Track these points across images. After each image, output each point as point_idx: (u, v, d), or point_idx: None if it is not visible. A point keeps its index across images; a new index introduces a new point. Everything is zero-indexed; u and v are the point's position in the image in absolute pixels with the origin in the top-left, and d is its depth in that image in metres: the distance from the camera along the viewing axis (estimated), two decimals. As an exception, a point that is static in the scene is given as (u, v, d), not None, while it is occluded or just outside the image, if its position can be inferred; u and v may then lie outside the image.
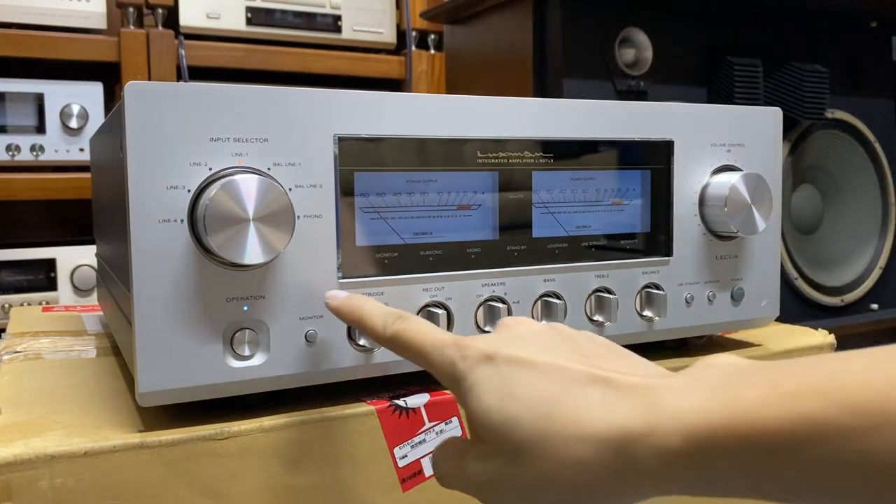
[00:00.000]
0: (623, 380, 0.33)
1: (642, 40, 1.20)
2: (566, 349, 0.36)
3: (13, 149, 1.30)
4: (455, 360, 0.37)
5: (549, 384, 0.34)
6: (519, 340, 0.37)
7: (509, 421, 0.34)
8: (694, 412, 0.30)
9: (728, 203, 0.57)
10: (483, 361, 0.36)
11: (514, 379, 0.35)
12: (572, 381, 0.34)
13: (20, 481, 0.40)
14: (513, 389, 0.35)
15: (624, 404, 0.32)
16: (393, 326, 0.41)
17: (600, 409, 0.32)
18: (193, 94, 0.43)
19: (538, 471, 0.33)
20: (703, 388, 0.31)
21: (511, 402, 0.34)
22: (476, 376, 0.36)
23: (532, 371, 0.35)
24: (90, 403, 0.49)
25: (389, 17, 1.60)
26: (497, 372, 0.36)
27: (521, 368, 0.35)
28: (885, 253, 1.40)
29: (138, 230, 0.42)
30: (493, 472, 0.35)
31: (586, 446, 0.32)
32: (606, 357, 0.36)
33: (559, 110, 0.54)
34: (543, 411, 0.33)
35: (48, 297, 1.34)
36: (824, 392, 0.28)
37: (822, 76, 1.27)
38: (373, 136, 0.48)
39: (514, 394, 0.34)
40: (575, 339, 0.38)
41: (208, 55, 1.41)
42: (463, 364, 0.37)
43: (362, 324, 0.44)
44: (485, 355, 0.36)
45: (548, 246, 0.55)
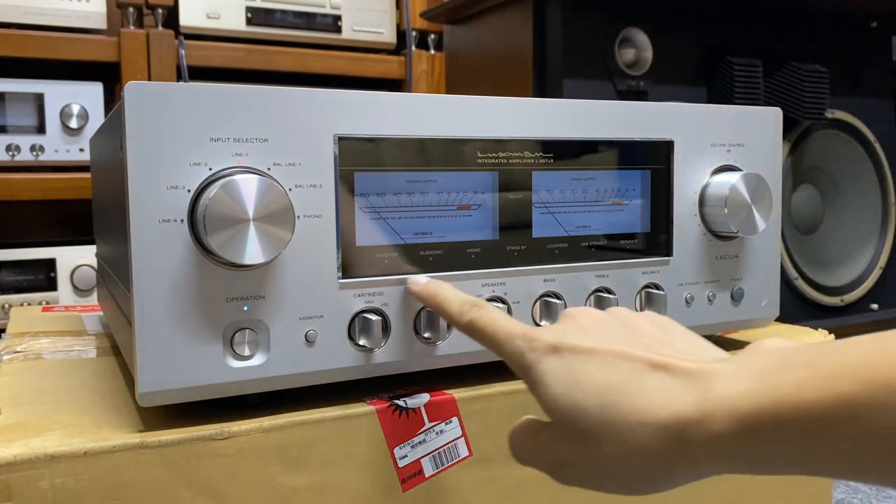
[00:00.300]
0: (680, 365, 0.35)
1: (642, 40, 1.20)
2: (627, 336, 0.39)
3: (13, 149, 1.30)
4: (524, 351, 0.40)
5: (612, 373, 0.37)
6: (582, 331, 0.40)
7: (576, 408, 0.37)
8: (742, 398, 0.32)
9: (728, 203, 0.57)
10: (549, 352, 0.39)
11: (579, 368, 0.37)
12: (633, 369, 0.36)
13: (20, 481, 0.40)
14: (578, 378, 0.37)
15: (681, 391, 0.34)
16: (469, 314, 0.44)
17: (660, 397, 0.35)
18: (193, 94, 0.43)
19: (604, 454, 0.36)
20: (749, 375, 0.33)
21: (576, 390, 0.37)
22: (543, 367, 0.39)
23: (595, 360, 0.37)
24: (90, 403, 0.49)
25: (389, 17, 1.60)
26: (562, 362, 0.38)
27: (585, 358, 0.38)
28: (885, 253, 1.40)
29: (138, 230, 0.42)
30: (564, 455, 0.38)
31: (648, 432, 0.34)
32: (664, 341, 0.38)
33: (559, 110, 0.54)
34: (608, 399, 0.36)
35: (48, 297, 1.34)
36: (858, 373, 0.29)
37: (822, 76, 1.27)
38: (373, 136, 0.48)
39: (579, 382, 0.37)
40: (636, 324, 0.40)
41: (208, 55, 1.41)
42: (531, 355, 0.39)
43: (440, 309, 0.47)
44: (551, 346, 0.39)
45: (548, 246, 0.55)
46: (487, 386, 0.52)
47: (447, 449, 0.50)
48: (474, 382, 0.52)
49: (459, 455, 0.50)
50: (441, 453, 0.50)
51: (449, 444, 0.50)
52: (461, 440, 0.50)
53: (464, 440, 0.50)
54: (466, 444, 0.51)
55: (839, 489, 1.05)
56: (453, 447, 0.50)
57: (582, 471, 0.37)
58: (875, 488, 1.06)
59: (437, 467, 0.50)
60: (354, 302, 0.48)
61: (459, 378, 0.53)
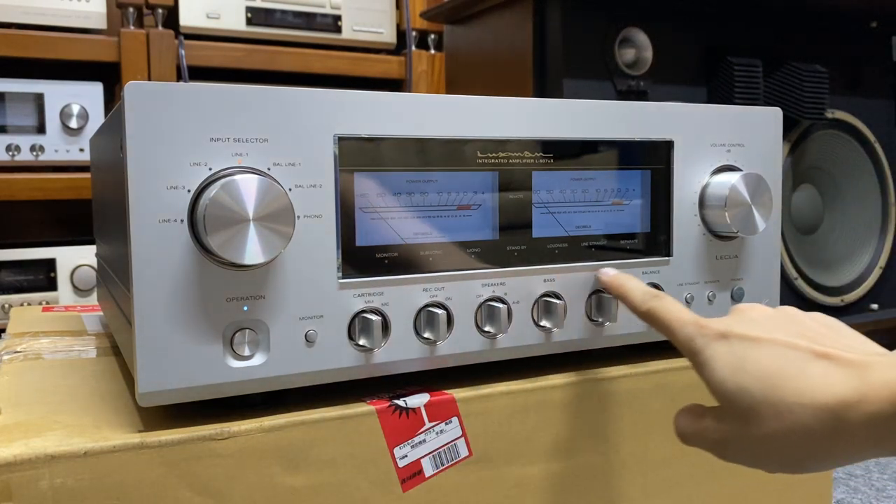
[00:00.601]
0: (842, 355, 0.38)
1: (642, 40, 1.20)
2: (793, 329, 0.42)
3: (13, 149, 1.30)
4: (694, 336, 0.44)
5: (776, 359, 0.40)
6: (751, 322, 0.43)
7: (740, 389, 0.40)
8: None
9: (728, 203, 0.57)
10: (718, 338, 0.43)
11: (745, 354, 0.41)
12: (797, 357, 0.39)
13: (20, 481, 0.40)
14: (744, 363, 0.40)
15: (841, 376, 0.37)
16: (648, 303, 0.49)
17: (820, 381, 0.37)
18: (193, 94, 0.43)
19: (765, 431, 0.39)
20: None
21: (742, 373, 0.40)
22: (711, 351, 0.42)
23: (761, 348, 0.40)
24: (90, 403, 0.49)
25: (389, 17, 1.60)
26: (730, 348, 0.42)
27: (752, 345, 0.41)
28: (885, 253, 1.40)
29: (138, 230, 0.42)
30: (726, 432, 0.41)
31: (808, 412, 0.37)
32: (829, 336, 0.41)
33: (559, 110, 0.54)
34: (771, 382, 0.39)
35: (48, 297, 1.34)
36: None
37: (822, 76, 1.27)
38: (373, 136, 0.48)
39: (744, 367, 0.40)
40: (803, 321, 0.43)
41: (208, 55, 1.41)
42: (700, 340, 0.43)
43: (624, 297, 0.52)
44: (720, 333, 0.43)
45: (548, 246, 0.55)
46: (487, 386, 0.52)
47: (447, 449, 0.50)
48: (474, 382, 0.52)
49: (459, 455, 0.50)
50: (441, 453, 0.50)
51: (449, 444, 0.50)
52: (461, 440, 0.50)
53: (464, 440, 0.50)
54: (466, 444, 0.51)
55: (839, 489, 1.05)
56: (453, 447, 0.50)
57: (743, 448, 0.41)
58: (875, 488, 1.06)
59: (437, 467, 0.50)
60: (354, 302, 0.48)
61: (459, 378, 0.53)
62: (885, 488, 1.05)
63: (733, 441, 0.41)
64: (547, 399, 0.53)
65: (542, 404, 0.53)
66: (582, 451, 0.54)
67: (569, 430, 0.54)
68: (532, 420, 0.53)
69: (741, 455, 0.41)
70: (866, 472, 1.10)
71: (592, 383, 0.55)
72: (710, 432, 0.43)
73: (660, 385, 0.57)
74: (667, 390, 0.57)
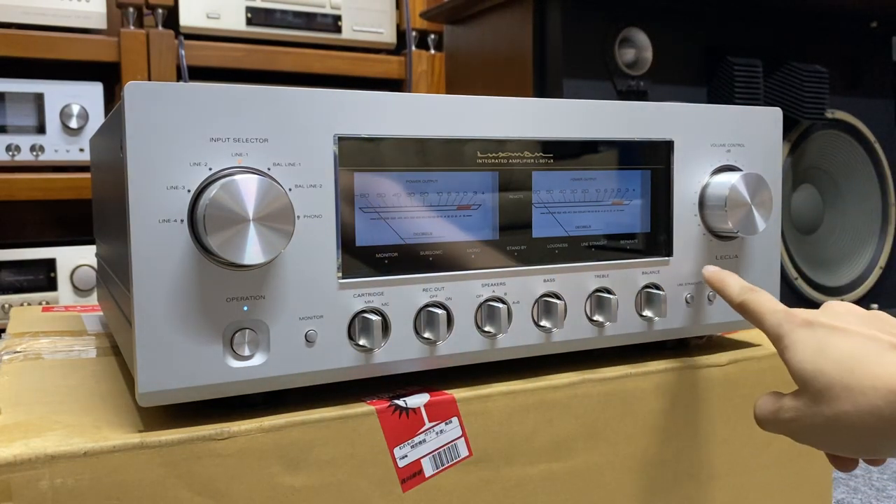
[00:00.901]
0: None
1: (642, 40, 1.20)
2: (877, 325, 0.44)
3: (13, 149, 1.30)
4: (781, 322, 0.47)
5: (856, 347, 0.42)
6: (837, 315, 0.46)
7: (817, 370, 0.43)
8: None
9: (728, 203, 0.57)
10: (803, 325, 0.46)
11: (827, 340, 0.44)
12: (876, 347, 0.42)
13: (20, 481, 0.40)
14: (824, 348, 0.43)
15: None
16: (744, 295, 0.52)
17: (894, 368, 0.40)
18: (193, 94, 0.43)
19: (837, 411, 0.41)
20: None
21: (821, 357, 0.43)
22: (795, 336, 0.45)
23: (843, 336, 0.43)
24: (90, 403, 0.49)
25: (389, 17, 1.60)
26: (813, 334, 0.45)
27: (835, 333, 0.44)
28: (885, 253, 1.40)
29: (138, 230, 0.42)
30: (800, 410, 0.44)
31: (880, 395, 0.39)
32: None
33: (559, 110, 0.54)
34: (848, 366, 0.42)
35: (48, 297, 1.34)
36: None
37: (822, 76, 1.27)
38: (373, 136, 0.48)
39: (824, 351, 0.43)
40: (887, 320, 0.45)
41: (208, 55, 1.41)
42: (787, 325, 0.47)
43: (723, 291, 0.55)
44: (805, 320, 0.46)
45: (548, 246, 0.55)
46: (487, 386, 0.52)
47: (447, 449, 0.50)
48: (474, 382, 0.52)
49: (459, 455, 0.50)
50: (441, 453, 0.50)
51: (449, 444, 0.50)
52: (461, 440, 0.50)
53: (464, 440, 0.50)
54: (466, 444, 0.51)
55: (839, 489, 1.05)
56: (453, 447, 0.50)
57: (815, 428, 0.43)
58: (875, 488, 1.06)
59: (437, 467, 0.50)
60: (354, 302, 0.48)
61: (459, 378, 0.53)
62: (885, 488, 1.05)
63: (807, 420, 0.43)
64: (547, 399, 0.53)
65: (542, 404, 0.53)
66: (582, 451, 0.54)
67: (569, 430, 0.54)
68: (532, 420, 0.53)
69: (814, 435, 0.43)
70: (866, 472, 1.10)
71: (592, 383, 0.55)
72: (785, 411, 0.45)
73: (660, 385, 0.57)
74: (667, 390, 0.57)
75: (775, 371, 0.62)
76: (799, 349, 0.45)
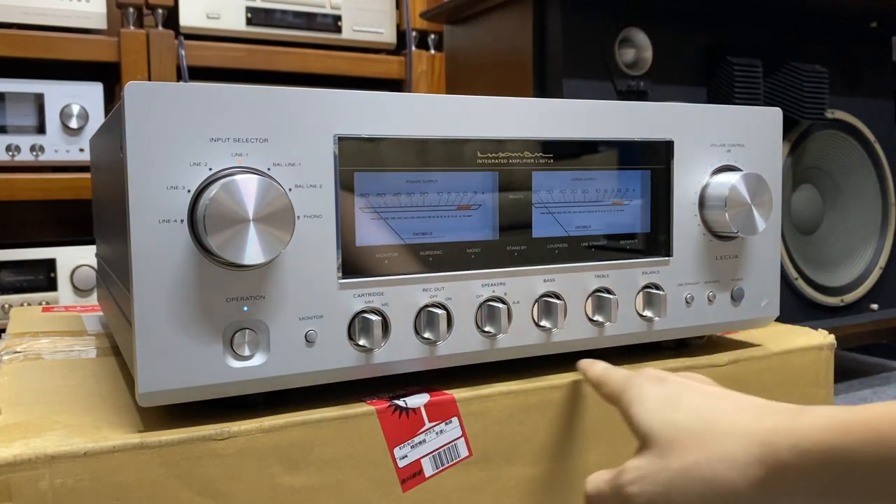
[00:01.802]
0: (779, 404, 0.38)
1: (642, 40, 1.20)
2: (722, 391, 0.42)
3: (13, 149, 1.30)
4: (630, 376, 0.45)
5: (711, 401, 0.40)
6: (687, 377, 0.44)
7: (665, 422, 0.39)
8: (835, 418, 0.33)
9: (728, 203, 0.57)
10: (654, 381, 0.43)
11: (680, 394, 0.41)
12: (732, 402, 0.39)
13: (20, 481, 0.40)
14: (675, 402, 0.40)
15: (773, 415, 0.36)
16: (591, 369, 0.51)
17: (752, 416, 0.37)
18: (193, 94, 0.43)
19: (688, 462, 0.37)
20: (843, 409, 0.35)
21: (673, 409, 0.40)
22: (644, 390, 0.42)
23: (698, 393, 0.41)
24: (90, 403, 0.49)
25: (389, 17, 1.60)
26: (664, 389, 0.42)
27: (690, 390, 0.41)
28: (885, 253, 1.40)
29: (138, 230, 0.42)
30: (643, 469, 0.39)
31: (735, 441, 0.36)
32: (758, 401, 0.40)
33: (559, 110, 0.54)
34: (702, 415, 0.38)
35: (48, 297, 1.34)
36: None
37: (822, 76, 1.27)
38: (373, 136, 0.48)
39: (674, 405, 0.40)
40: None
41: (208, 55, 1.41)
42: (635, 379, 0.44)
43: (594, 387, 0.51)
44: (657, 377, 0.43)
45: (548, 246, 0.55)
46: (487, 386, 0.52)
47: (447, 449, 0.50)
48: (474, 382, 0.52)
49: (459, 455, 0.50)
50: (441, 453, 0.50)
51: (449, 444, 0.50)
52: (461, 440, 0.50)
53: (464, 440, 0.50)
54: (466, 444, 0.51)
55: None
56: (453, 447, 0.50)
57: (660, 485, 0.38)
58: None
59: (437, 467, 0.50)
60: (354, 302, 0.48)
61: (459, 378, 0.53)
62: None
63: (652, 478, 0.38)
64: (547, 399, 0.53)
65: (542, 404, 0.53)
66: (582, 451, 0.54)
67: (569, 430, 0.54)
68: (532, 420, 0.53)
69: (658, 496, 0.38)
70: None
71: (592, 383, 0.55)
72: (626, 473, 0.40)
73: (660, 385, 0.57)
74: (667, 390, 0.57)
75: (775, 371, 0.62)
76: (647, 402, 0.41)
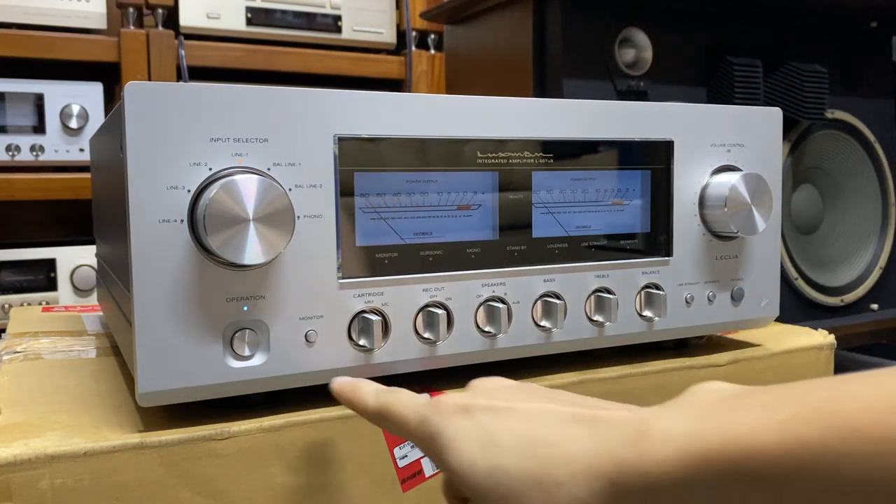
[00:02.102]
0: (611, 414, 0.32)
1: (642, 40, 1.19)
2: (543, 396, 0.35)
3: (13, 149, 1.30)
4: (429, 416, 0.36)
5: (534, 427, 0.33)
6: (492, 392, 0.36)
7: (494, 470, 0.32)
8: (687, 437, 0.28)
9: (728, 203, 0.57)
10: (458, 412, 0.35)
11: (494, 427, 0.33)
12: (557, 421, 0.32)
13: (20, 481, 0.40)
14: (494, 438, 0.33)
15: (614, 434, 0.31)
16: (381, 398, 0.40)
17: (590, 443, 0.31)
18: (193, 94, 0.43)
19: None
20: (694, 414, 0.29)
21: (494, 450, 0.33)
22: (452, 430, 0.34)
23: (512, 417, 0.34)
24: (90, 403, 0.49)
25: (389, 18, 1.60)
26: (475, 423, 0.34)
27: (500, 415, 0.34)
28: (885, 253, 1.40)
29: (138, 230, 0.42)
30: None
31: (579, 482, 0.30)
32: (587, 401, 0.35)
33: (559, 110, 0.54)
34: (530, 454, 0.32)
35: (48, 297, 1.34)
36: (821, 417, 0.26)
37: (822, 76, 1.27)
38: (373, 136, 0.48)
39: (495, 441, 0.33)
40: (550, 391, 0.37)
41: (208, 55, 1.41)
42: (437, 418, 0.35)
43: (353, 403, 0.42)
44: (460, 406, 0.35)
45: (548, 246, 0.55)
46: (487, 386, 0.52)
47: (447, 449, 0.50)
48: (474, 382, 0.52)
49: (459, 455, 0.50)
50: (441, 453, 0.50)
51: (449, 444, 0.50)
52: (461, 440, 0.50)
53: (464, 440, 0.50)
54: (466, 444, 0.50)
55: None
56: (453, 447, 0.50)
57: None
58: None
59: (437, 467, 0.50)
60: (354, 302, 0.48)
61: (459, 378, 0.53)
62: None
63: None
64: (547, 399, 0.53)
65: (542, 404, 0.53)
66: (582, 451, 0.54)
67: (569, 430, 0.54)
68: (532, 420, 0.53)
69: None
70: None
71: (592, 383, 0.55)
72: None
73: (660, 385, 0.57)
74: (667, 390, 0.57)
75: (775, 371, 0.62)
76: (463, 447, 0.33)
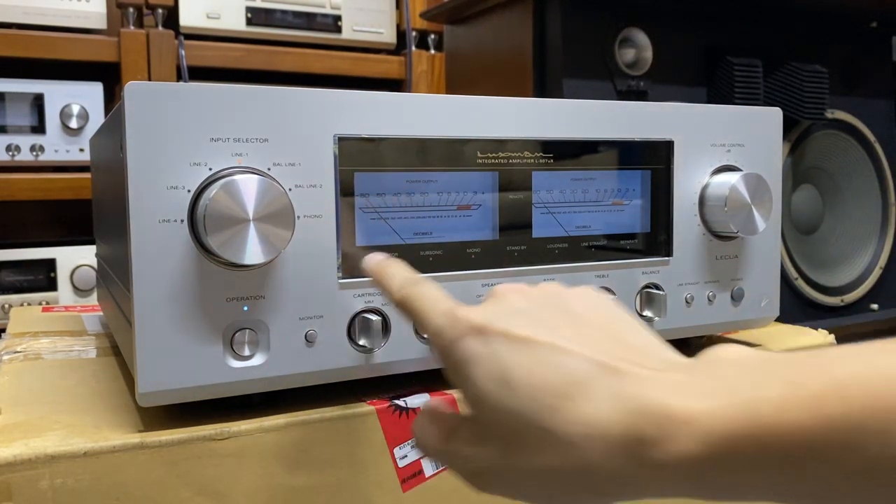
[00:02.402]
0: (635, 372, 0.30)
1: (642, 40, 1.19)
2: (569, 325, 0.33)
3: (13, 149, 1.30)
4: (443, 328, 0.34)
5: (552, 372, 0.31)
6: (515, 314, 0.34)
7: (508, 411, 0.31)
8: (712, 417, 0.27)
9: (728, 203, 0.57)
10: (473, 333, 0.33)
11: (511, 361, 0.32)
12: (578, 370, 0.30)
13: (20, 481, 0.40)
14: (509, 375, 0.31)
15: (636, 403, 0.29)
16: (405, 289, 0.39)
17: (610, 407, 0.29)
18: (193, 94, 0.43)
19: (539, 466, 0.30)
20: (719, 389, 0.28)
21: (509, 389, 0.31)
22: (465, 352, 0.33)
23: (531, 353, 0.31)
24: (90, 403, 0.49)
25: (389, 18, 1.60)
26: (490, 349, 0.32)
27: (519, 349, 0.32)
28: (885, 253, 1.40)
29: (138, 230, 0.42)
30: (488, 460, 0.32)
31: (595, 446, 0.29)
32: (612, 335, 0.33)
33: (559, 110, 0.54)
34: (547, 404, 0.30)
35: (48, 297, 1.34)
36: (850, 394, 0.25)
37: (822, 76, 1.27)
38: (373, 136, 0.48)
39: (511, 381, 0.31)
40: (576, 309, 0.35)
41: (208, 55, 1.41)
42: (451, 333, 0.34)
43: (382, 284, 0.41)
44: (475, 327, 0.33)
45: (548, 246, 0.55)
46: (487, 386, 0.52)
47: (447, 449, 0.50)
48: (474, 382, 0.52)
49: (459, 455, 0.50)
50: (441, 453, 0.50)
51: (449, 444, 0.50)
52: (461, 440, 0.50)
53: (464, 440, 0.50)
54: (466, 444, 0.50)
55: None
56: (453, 447, 0.50)
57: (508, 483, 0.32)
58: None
59: (437, 467, 0.50)
60: (354, 302, 0.48)
61: (459, 378, 0.53)
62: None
63: (496, 473, 0.32)
64: (547, 399, 0.53)
65: (542, 404, 0.53)
66: (582, 451, 0.54)
67: (569, 430, 0.54)
68: (532, 420, 0.53)
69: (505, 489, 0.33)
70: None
71: (592, 383, 0.55)
72: (466, 458, 0.33)
73: (660, 385, 0.57)
74: (667, 390, 0.57)
75: (775, 371, 0.62)
76: (477, 375, 0.32)
